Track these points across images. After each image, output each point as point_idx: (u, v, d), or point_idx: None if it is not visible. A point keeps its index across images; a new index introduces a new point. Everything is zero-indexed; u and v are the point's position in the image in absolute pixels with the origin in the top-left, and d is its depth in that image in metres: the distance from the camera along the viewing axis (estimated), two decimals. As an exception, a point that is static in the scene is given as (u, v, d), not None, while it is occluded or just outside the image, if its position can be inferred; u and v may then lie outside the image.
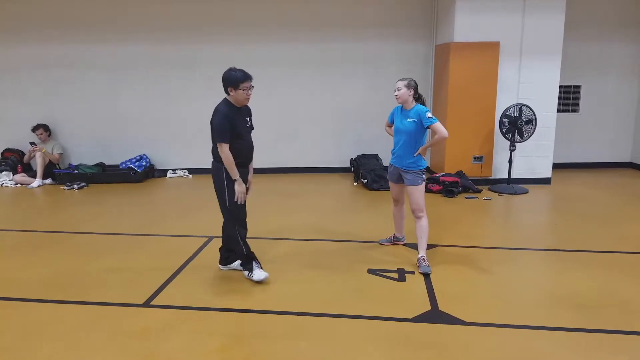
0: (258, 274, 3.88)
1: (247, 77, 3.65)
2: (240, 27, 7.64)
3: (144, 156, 7.78)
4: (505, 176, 7.05)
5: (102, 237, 5.08)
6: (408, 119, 4.14)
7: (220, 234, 4.10)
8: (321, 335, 3.13)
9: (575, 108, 8.11)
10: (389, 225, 4.84)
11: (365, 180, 6.96)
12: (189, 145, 7.98)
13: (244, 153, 3.81)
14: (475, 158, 7.02)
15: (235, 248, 3.93)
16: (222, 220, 3.99)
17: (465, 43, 6.67)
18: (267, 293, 3.76)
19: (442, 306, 3.48)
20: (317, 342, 3.06)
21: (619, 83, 8.04)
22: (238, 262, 4.07)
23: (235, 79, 3.62)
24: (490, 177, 7.17)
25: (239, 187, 3.73)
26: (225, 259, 4.16)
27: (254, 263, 3.95)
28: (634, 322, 3.25)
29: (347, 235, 5.00)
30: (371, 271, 4.10)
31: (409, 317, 3.34)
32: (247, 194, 3.86)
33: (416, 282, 3.89)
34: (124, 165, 7.62)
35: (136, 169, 7.43)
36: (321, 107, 7.91)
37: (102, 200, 6.56)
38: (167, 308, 3.48)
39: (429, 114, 4.04)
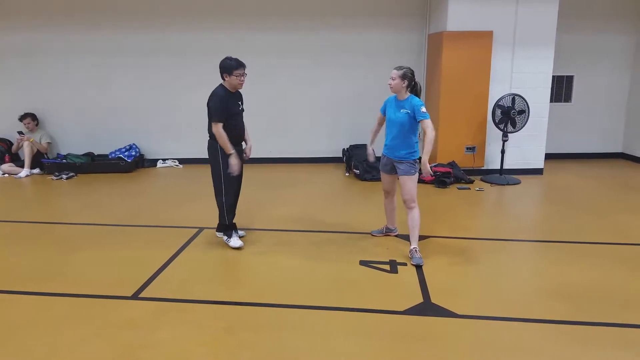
0: (234, 241, 4.35)
1: (240, 65, 4.11)
2: (233, 15, 7.52)
3: (134, 146, 7.68)
4: (498, 167, 7.04)
5: (90, 228, 5.00)
6: (401, 110, 4.08)
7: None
8: (312, 328, 3.11)
9: (567, 98, 8.09)
10: (380, 216, 4.81)
11: (357, 171, 6.91)
12: (180, 135, 7.88)
13: (236, 132, 4.25)
14: (467, 148, 6.99)
15: (219, 215, 4.37)
16: (213, 211, 4.45)
17: (458, 32, 6.61)
18: (257, 285, 3.72)
19: (434, 298, 3.46)
20: (308, 334, 3.03)
21: (611, 74, 8.03)
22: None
23: (229, 67, 4.10)
24: (483, 168, 7.15)
25: (233, 160, 4.12)
26: (221, 227, 4.53)
27: (232, 231, 4.40)
28: (627, 315, 3.25)
29: (339, 226, 4.96)
30: (363, 263, 4.07)
31: (401, 309, 3.32)
32: (245, 158, 4.43)
33: (408, 274, 3.87)
34: (113, 155, 7.51)
35: (126, 158, 7.34)
36: (313, 96, 7.83)
37: (91, 191, 6.47)
38: (155, 300, 3.43)
39: (423, 109, 3.98)
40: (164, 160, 7.88)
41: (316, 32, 7.58)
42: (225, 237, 4.43)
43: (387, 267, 4.00)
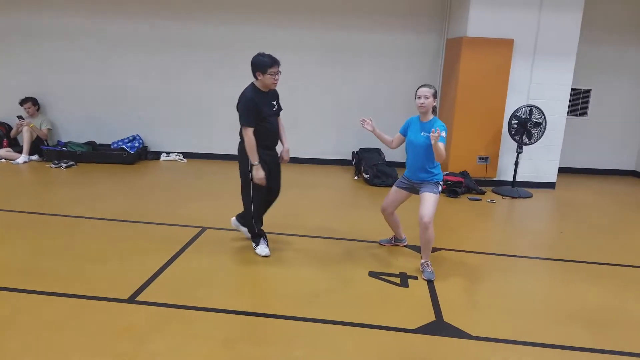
0: (261, 249, 4.10)
1: (274, 62, 3.77)
2: (245, 10, 7.32)
3: (137, 137, 7.49)
4: (509, 178, 6.86)
5: (87, 222, 4.80)
6: (422, 133, 3.87)
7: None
8: (318, 344, 2.91)
9: (583, 112, 7.89)
10: (387, 224, 4.59)
11: (367, 175, 6.71)
12: (185, 128, 7.69)
13: (269, 136, 3.95)
14: (480, 158, 6.79)
15: (248, 224, 4.14)
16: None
17: (479, 38, 6.40)
18: (260, 294, 3.53)
19: (447, 317, 3.27)
20: (314, 351, 2.84)
21: (630, 90, 7.82)
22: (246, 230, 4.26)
23: (263, 64, 3.75)
24: (494, 179, 6.96)
25: (256, 172, 3.83)
26: (243, 217, 4.27)
27: (261, 238, 4.16)
28: (650, 346, 3.06)
29: (346, 233, 4.77)
30: (372, 274, 3.88)
31: (412, 327, 3.12)
32: (282, 162, 4.17)
33: (419, 289, 3.67)
34: (115, 145, 7.32)
35: (128, 149, 7.14)
36: (324, 96, 7.63)
37: (91, 182, 6.28)
38: (152, 305, 3.24)
39: (444, 134, 3.73)
40: (167, 153, 7.69)
41: (329, 30, 7.38)
42: (253, 244, 4.19)
43: (398, 280, 3.81)
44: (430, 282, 3.78)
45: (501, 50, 6.43)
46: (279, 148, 4.16)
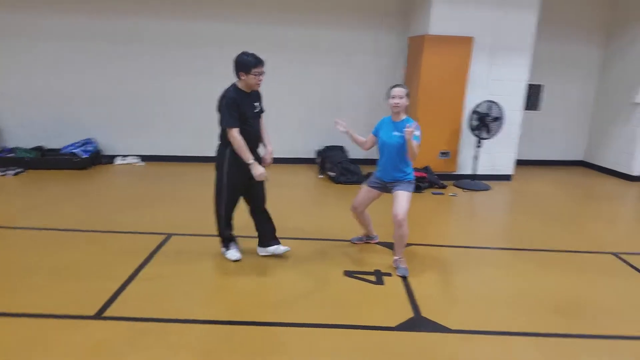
0: (231, 253, 3.98)
1: (259, 62, 3.64)
2: (205, 5, 7.09)
3: (90, 140, 7.14)
4: (469, 172, 7.02)
5: (41, 234, 4.50)
6: (395, 133, 3.88)
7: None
8: (300, 349, 2.85)
9: (536, 106, 8.19)
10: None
11: (332, 174, 6.69)
12: (141, 130, 7.40)
13: (250, 138, 3.75)
14: (442, 153, 6.91)
15: (218, 229, 4.01)
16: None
17: (440, 36, 6.50)
18: (235, 301, 3.42)
19: (425, 312, 3.29)
20: (296, 356, 2.78)
21: (578, 85, 8.19)
22: (277, 246, 4.07)
23: (247, 64, 3.61)
24: (455, 173, 7.10)
25: (255, 169, 3.68)
26: (262, 242, 4.12)
27: (231, 243, 4.03)
28: (615, 326, 3.20)
29: (317, 233, 4.72)
30: (347, 273, 3.85)
31: (393, 325, 3.12)
32: (264, 165, 3.92)
33: (395, 286, 3.68)
34: (66, 149, 6.94)
35: (81, 154, 6.79)
36: (286, 94, 7.53)
37: (42, 189, 5.93)
38: (123, 320, 3.07)
39: (418, 132, 3.77)
40: (123, 156, 7.37)
41: (290, 28, 7.29)
42: (223, 249, 4.06)
43: (373, 277, 3.80)
44: (404, 279, 3.80)
45: (461, 48, 6.56)
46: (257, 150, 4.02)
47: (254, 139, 3.81)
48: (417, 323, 3.16)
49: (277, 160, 7.67)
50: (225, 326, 3.08)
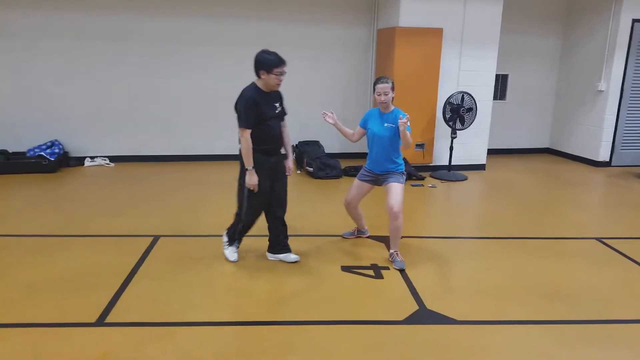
0: (231, 252, 3.91)
1: (281, 62, 3.51)
2: (174, 0, 6.92)
3: (56, 142, 6.82)
4: (445, 163, 7.17)
5: (16, 241, 4.27)
6: (386, 124, 3.91)
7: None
8: (311, 346, 2.84)
9: (502, 96, 8.44)
10: (346, 216, 4.58)
11: (311, 169, 6.68)
12: (110, 130, 7.14)
13: (269, 140, 3.62)
14: (417, 145, 7.02)
15: (232, 224, 3.88)
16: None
17: (411, 28, 6.58)
18: (237, 302, 3.36)
19: (429, 304, 3.34)
20: (309, 353, 2.76)
21: (541, 74, 8.49)
22: (287, 254, 3.95)
23: (269, 63, 3.47)
24: (431, 164, 7.24)
25: (249, 177, 3.54)
26: (273, 247, 3.98)
27: (235, 243, 3.92)
28: (610, 311, 3.34)
29: (307, 230, 4.70)
30: (345, 269, 3.86)
31: (400, 319, 3.15)
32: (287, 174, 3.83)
33: (394, 279, 3.72)
34: (32, 152, 6.61)
35: (48, 157, 6.48)
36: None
37: (13, 195, 5.62)
38: (126, 326, 2.97)
39: (409, 122, 3.81)
40: (92, 158, 7.09)
41: (257, 21, 7.18)
42: (225, 242, 3.97)
43: (371, 272, 3.83)
44: (402, 271, 3.84)
45: (432, 40, 6.66)
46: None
47: (274, 141, 3.66)
48: (424, 315, 3.20)
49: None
50: (232, 327, 3.03)
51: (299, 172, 6.95)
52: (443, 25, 6.71)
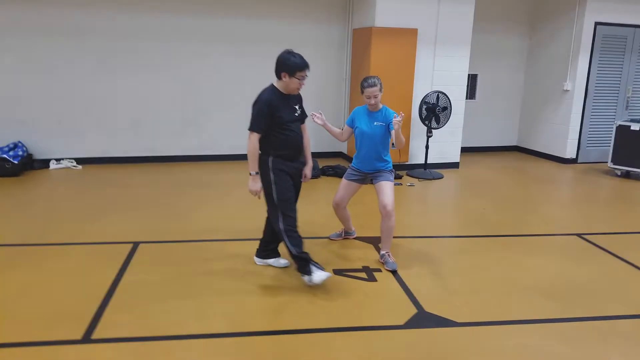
0: (318, 275, 3.38)
1: (306, 65, 3.32)
2: (138, -6, 6.64)
3: (19, 144, 6.43)
4: (420, 161, 7.22)
5: (-13, 251, 4.00)
6: (375, 123, 3.87)
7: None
8: (314, 355, 2.75)
9: (472, 96, 8.58)
10: (329, 217, 4.51)
11: (289, 169, 6.57)
12: (76, 130, 6.80)
13: (290, 144, 3.43)
14: (393, 144, 6.99)
15: (286, 245, 3.48)
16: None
17: (387, 28, 6.58)
18: (232, 311, 3.22)
19: (427, 307, 3.31)
20: (318, 364, 2.68)
21: (509, 73, 8.70)
22: (277, 259, 3.82)
23: (293, 65, 3.27)
24: (407, 163, 7.27)
25: (252, 183, 3.42)
26: (262, 251, 3.83)
27: (310, 265, 3.42)
28: (603, 307, 3.41)
29: (293, 232, 4.60)
30: (337, 272, 3.79)
31: (401, 323, 3.11)
32: (304, 180, 3.67)
33: (388, 281, 3.68)
34: (-8, 155, 6.21)
35: (11, 159, 6.09)
36: (231, 88, 7.27)
37: (-30, 201, 5.26)
38: (116, 342, 2.78)
39: None
40: (57, 160, 6.73)
41: (232, 19, 7.02)
42: (306, 278, 3.43)
43: (364, 274, 3.77)
44: (394, 273, 3.81)
45: (407, 40, 6.68)
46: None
47: (294, 145, 3.47)
48: (424, 318, 3.16)
49: (227, 157, 7.47)
50: (229, 339, 2.90)
51: (276, 172, 6.82)
52: (418, 25, 6.75)
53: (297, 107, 3.51)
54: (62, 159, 6.76)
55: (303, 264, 3.43)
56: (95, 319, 3.00)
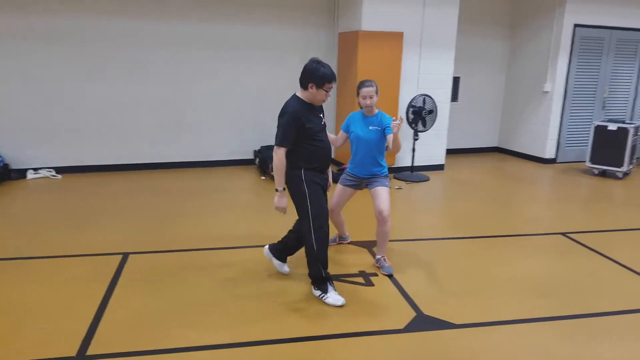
0: (334, 297, 3.35)
1: (334, 78, 3.21)
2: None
3: (-5, 154, 6.23)
4: (406, 164, 7.25)
5: (-32, 266, 3.84)
6: (371, 127, 3.85)
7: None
8: (319, 364, 2.72)
9: (455, 98, 8.67)
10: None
11: (276, 174, 6.51)
12: (54, 138, 6.60)
13: (322, 156, 3.33)
14: (388, 147, 7.02)
15: (308, 261, 3.43)
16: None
17: (373, 32, 6.59)
18: (229, 320, 3.16)
19: (425, 310, 3.31)
20: (320, 372, 2.64)
21: (490, 76, 8.82)
22: (281, 264, 3.77)
23: (322, 76, 3.14)
24: (393, 166, 7.28)
25: (278, 200, 3.32)
26: (276, 249, 3.76)
27: (328, 284, 3.41)
28: (594, 304, 3.47)
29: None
30: (334, 277, 3.74)
31: (401, 327, 3.10)
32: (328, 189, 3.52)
33: (385, 285, 3.67)
34: (-34, 166, 5.99)
35: (-13, 170, 5.90)
36: (217, 93, 7.18)
37: (-54, 214, 5.06)
38: (113, 357, 2.70)
39: None
40: (35, 170, 6.52)
41: (217, 24, 6.94)
42: (317, 292, 3.42)
43: (361, 279, 3.76)
44: (390, 277, 3.80)
45: (393, 43, 6.71)
46: None
47: (326, 156, 3.35)
48: (423, 322, 3.17)
49: (211, 164, 7.38)
50: (231, 350, 2.84)
51: (263, 177, 6.76)
52: (403, 29, 6.78)
53: (321, 115, 3.42)
54: (41, 168, 6.56)
55: (323, 281, 3.42)
56: (89, 334, 2.91)
